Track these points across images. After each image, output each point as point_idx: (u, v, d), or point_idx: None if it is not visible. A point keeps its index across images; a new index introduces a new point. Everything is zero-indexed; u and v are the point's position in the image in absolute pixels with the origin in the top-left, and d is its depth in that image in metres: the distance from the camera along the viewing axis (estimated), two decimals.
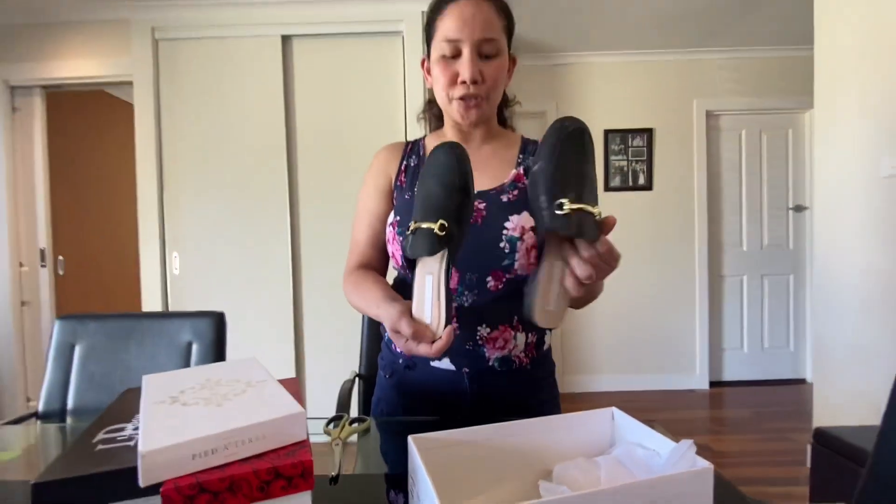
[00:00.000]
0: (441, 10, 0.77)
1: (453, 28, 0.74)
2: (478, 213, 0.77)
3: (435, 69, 0.78)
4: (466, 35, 0.74)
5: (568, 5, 2.51)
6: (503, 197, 0.79)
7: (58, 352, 1.11)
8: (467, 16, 0.74)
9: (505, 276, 0.76)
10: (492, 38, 0.75)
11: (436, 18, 0.78)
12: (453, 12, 0.74)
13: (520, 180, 0.82)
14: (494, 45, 0.76)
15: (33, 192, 2.60)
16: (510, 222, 0.75)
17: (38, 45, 2.48)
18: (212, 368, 0.62)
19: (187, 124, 2.42)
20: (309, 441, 0.47)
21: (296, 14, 2.40)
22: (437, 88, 0.80)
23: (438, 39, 0.77)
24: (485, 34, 0.74)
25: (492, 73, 0.77)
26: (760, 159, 3.25)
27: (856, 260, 1.77)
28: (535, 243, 0.76)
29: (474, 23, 0.73)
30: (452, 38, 0.74)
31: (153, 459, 0.38)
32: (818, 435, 1.34)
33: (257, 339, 2.42)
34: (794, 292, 3.27)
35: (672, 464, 0.44)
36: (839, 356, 1.84)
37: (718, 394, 3.10)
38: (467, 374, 0.77)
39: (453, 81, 0.77)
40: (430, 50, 0.80)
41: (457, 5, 0.75)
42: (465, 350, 0.76)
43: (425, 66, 0.84)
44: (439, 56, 0.77)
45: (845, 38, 1.79)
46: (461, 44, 0.74)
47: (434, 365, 0.78)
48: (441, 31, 0.76)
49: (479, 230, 0.75)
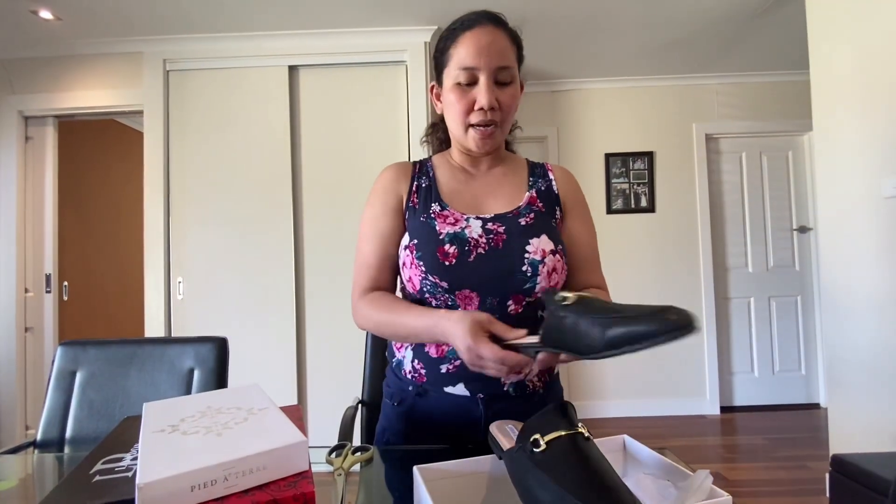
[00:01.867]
0: (456, 39, 0.77)
1: (470, 56, 0.75)
2: (498, 236, 0.76)
3: (450, 96, 0.78)
4: (484, 63, 0.74)
5: (569, 33, 2.58)
6: (521, 220, 0.79)
7: (58, 379, 1.10)
8: (483, 44, 0.74)
9: (525, 299, 0.75)
10: (507, 66, 0.76)
11: (449, 47, 0.78)
12: (469, 40, 0.75)
13: (534, 203, 0.82)
14: (509, 73, 0.77)
15: (42, 218, 2.64)
16: (531, 245, 0.75)
17: (53, 76, 2.56)
18: (213, 396, 0.61)
19: (195, 152, 2.47)
20: (311, 471, 0.45)
21: (302, 45, 2.48)
22: (451, 115, 0.80)
23: (454, 67, 0.77)
24: (501, 62, 0.75)
25: (507, 100, 0.77)
26: (762, 181, 3.26)
27: (863, 281, 1.75)
28: (554, 266, 0.75)
29: (490, 51, 0.74)
30: (469, 66, 0.75)
31: (151, 492, 0.37)
32: (836, 463, 1.30)
33: (260, 365, 2.40)
34: (802, 314, 3.22)
35: (688, 495, 0.42)
36: (854, 380, 1.80)
37: (730, 419, 3.02)
38: (482, 399, 0.75)
39: (470, 109, 0.77)
40: (442, 77, 0.80)
41: (473, 33, 0.75)
42: (482, 375, 0.73)
43: (434, 92, 0.84)
44: (454, 84, 0.77)
45: (840, 62, 1.82)
46: (478, 71, 0.75)
47: (447, 391, 0.76)
48: (456, 59, 0.76)
49: (501, 254, 0.75)
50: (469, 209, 0.81)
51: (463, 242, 0.75)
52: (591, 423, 3.04)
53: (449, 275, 0.73)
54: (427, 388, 0.78)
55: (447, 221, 0.78)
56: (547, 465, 0.44)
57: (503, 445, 0.50)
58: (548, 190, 0.85)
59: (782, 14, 2.40)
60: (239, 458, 0.41)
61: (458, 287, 0.74)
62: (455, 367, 0.75)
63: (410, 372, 0.79)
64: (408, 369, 0.80)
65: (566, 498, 0.40)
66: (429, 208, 0.80)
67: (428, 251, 0.75)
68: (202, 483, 0.39)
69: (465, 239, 0.75)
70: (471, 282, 0.74)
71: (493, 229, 0.77)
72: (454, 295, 0.74)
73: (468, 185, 0.85)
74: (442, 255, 0.74)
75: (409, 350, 0.80)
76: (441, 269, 0.73)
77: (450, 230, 0.76)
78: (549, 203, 0.84)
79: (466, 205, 0.82)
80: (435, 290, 0.75)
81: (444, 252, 0.74)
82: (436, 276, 0.74)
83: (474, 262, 0.74)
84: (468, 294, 0.74)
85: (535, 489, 0.43)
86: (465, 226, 0.77)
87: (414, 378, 0.79)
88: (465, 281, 0.74)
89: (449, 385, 0.76)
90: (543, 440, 0.46)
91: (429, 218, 0.79)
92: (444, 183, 0.84)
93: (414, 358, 0.79)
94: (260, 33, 2.45)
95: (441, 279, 0.74)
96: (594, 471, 0.43)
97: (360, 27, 2.44)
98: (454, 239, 0.75)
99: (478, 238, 0.76)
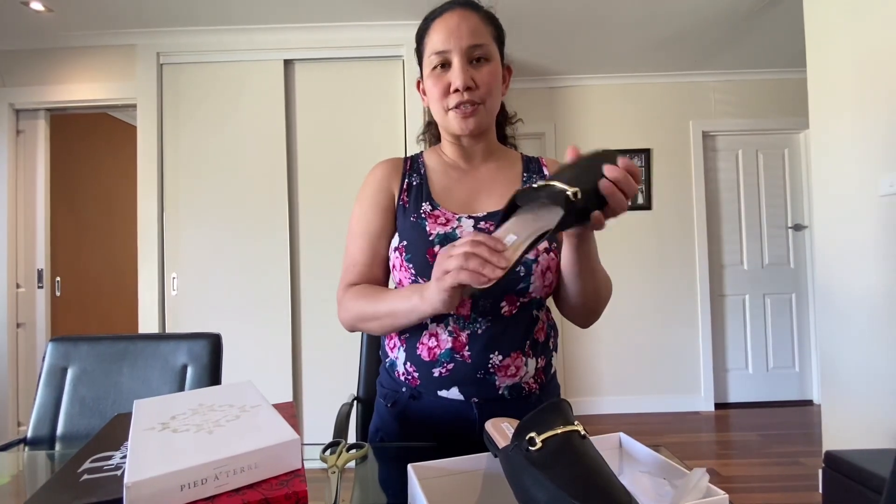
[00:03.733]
0: (427, 28, 0.78)
1: (440, 40, 0.75)
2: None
3: (428, 83, 0.78)
4: (454, 44, 0.74)
5: (566, 29, 2.57)
6: None
7: (49, 375, 1.08)
8: (452, 26, 0.74)
9: (519, 300, 0.74)
10: (480, 44, 0.75)
11: (424, 37, 0.79)
12: (439, 26, 0.76)
13: None
14: (484, 50, 0.76)
15: (34, 212, 2.61)
16: None
17: (45, 69, 2.52)
18: (205, 393, 0.60)
19: (189, 146, 2.45)
20: (304, 469, 0.45)
21: (298, 39, 2.45)
22: (432, 103, 0.80)
23: (428, 54, 0.77)
24: (472, 40, 0.74)
25: (484, 78, 0.76)
26: (758, 179, 3.27)
27: (858, 279, 1.76)
28: (549, 265, 0.74)
29: (460, 31, 0.74)
30: (441, 50, 0.75)
31: (139, 491, 0.36)
32: (829, 459, 1.30)
33: (255, 361, 2.39)
34: (796, 311, 3.24)
35: (685, 493, 0.41)
36: (847, 377, 1.81)
37: (724, 416, 3.04)
38: (476, 403, 0.73)
39: (446, 91, 0.76)
40: (423, 68, 0.80)
41: (441, 19, 0.76)
42: (476, 379, 0.73)
43: (421, 88, 0.84)
44: (430, 70, 0.77)
45: (837, 60, 1.82)
46: (450, 54, 0.75)
47: (441, 395, 0.74)
48: (430, 46, 0.77)
49: None
50: (461, 208, 0.79)
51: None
52: (587, 419, 3.05)
53: None
54: (421, 392, 0.76)
55: (438, 222, 0.76)
56: (542, 464, 0.43)
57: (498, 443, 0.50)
58: None
59: (779, 11, 2.40)
60: (230, 457, 0.40)
61: None
62: (448, 370, 0.73)
63: (403, 374, 0.78)
64: (400, 371, 0.78)
65: (562, 497, 0.39)
66: (419, 207, 0.78)
67: (418, 253, 0.73)
68: (192, 482, 0.38)
69: (456, 239, 0.72)
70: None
71: (486, 228, 0.75)
72: None
73: (460, 183, 0.82)
74: (432, 258, 0.72)
75: (401, 351, 0.78)
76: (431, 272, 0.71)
77: (440, 231, 0.74)
78: None
79: (458, 203, 0.80)
80: None
81: (434, 254, 0.72)
82: (426, 279, 0.72)
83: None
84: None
85: (530, 488, 0.43)
86: (456, 226, 0.75)
87: (407, 381, 0.77)
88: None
89: (442, 389, 0.74)
90: (539, 438, 0.45)
91: (419, 218, 0.77)
92: (436, 181, 0.82)
93: (406, 360, 0.77)
94: (255, 26, 2.43)
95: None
96: (590, 469, 0.42)
97: (356, 21, 2.42)
98: (445, 240, 0.73)
99: None
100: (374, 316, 0.73)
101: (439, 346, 0.73)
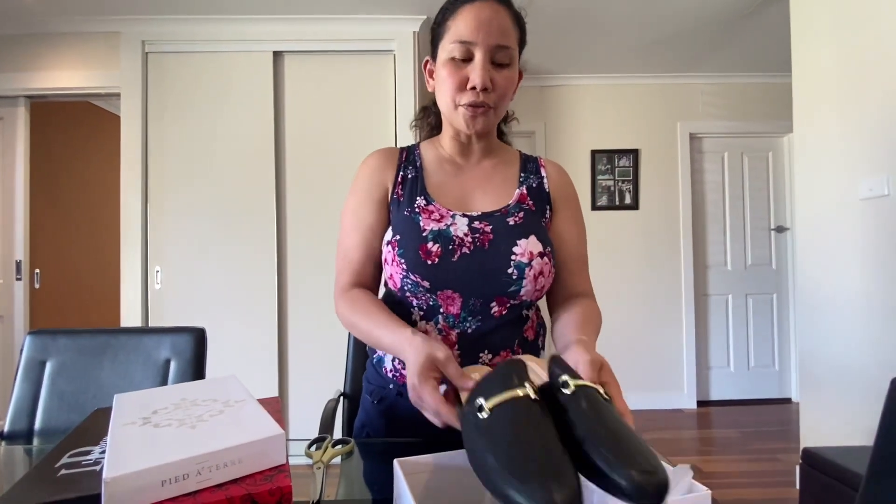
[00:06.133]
0: (455, 11, 0.72)
1: (468, 30, 0.70)
2: (484, 236, 0.73)
3: (442, 72, 0.74)
4: (482, 38, 0.70)
5: (557, 29, 2.57)
6: (509, 220, 0.75)
7: (27, 368, 1.06)
8: (483, 18, 0.70)
9: (510, 301, 0.73)
10: (507, 46, 0.72)
11: (447, 19, 0.73)
12: (469, 13, 0.70)
13: (524, 201, 0.79)
14: (508, 54, 0.72)
15: (12, 202, 2.53)
16: (518, 247, 0.72)
17: (25, 55, 2.45)
18: (188, 387, 0.59)
19: (174, 137, 2.40)
20: (289, 465, 0.44)
21: (288, 30, 2.42)
22: (441, 92, 0.76)
23: (449, 40, 0.72)
24: (500, 40, 0.71)
25: (503, 82, 0.73)
26: (743, 181, 3.32)
27: (837, 281, 1.80)
28: (541, 269, 0.72)
29: (490, 26, 0.70)
30: (466, 40, 0.70)
31: (118, 486, 0.36)
32: (806, 456, 1.34)
33: (240, 356, 2.36)
34: (777, 311, 3.31)
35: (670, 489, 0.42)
36: (825, 376, 1.86)
37: (706, 413, 3.09)
38: None
39: (462, 86, 0.72)
40: (437, 51, 0.76)
41: (473, 6, 0.71)
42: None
43: (427, 68, 0.79)
44: (448, 58, 0.72)
45: (822, 65, 1.86)
46: (474, 47, 0.70)
47: None
48: (453, 32, 0.71)
49: (486, 255, 0.72)
50: (456, 205, 0.77)
51: (447, 241, 0.71)
52: None
53: (431, 274, 0.70)
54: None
55: (432, 217, 0.74)
56: (489, 433, 0.42)
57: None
58: (539, 187, 0.81)
59: (767, 16, 2.44)
60: (212, 452, 0.40)
61: (440, 287, 0.71)
62: None
63: (391, 371, 0.77)
64: (388, 367, 0.78)
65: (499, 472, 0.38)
66: (414, 202, 0.76)
67: (410, 248, 0.71)
68: (173, 477, 0.38)
69: (450, 237, 0.72)
70: (453, 282, 0.71)
71: (480, 228, 0.73)
72: (436, 295, 0.72)
73: (456, 178, 0.81)
74: (424, 254, 0.71)
75: None
76: (423, 268, 0.70)
77: (434, 227, 0.73)
78: (540, 201, 0.80)
79: (453, 200, 0.78)
80: (416, 289, 0.72)
81: (427, 250, 0.71)
82: (417, 276, 0.71)
83: (458, 261, 0.71)
84: (450, 294, 0.72)
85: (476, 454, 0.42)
86: (450, 223, 0.73)
87: (395, 377, 0.77)
88: (448, 281, 0.71)
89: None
90: (487, 405, 0.44)
91: (413, 212, 0.75)
92: (432, 174, 0.80)
93: (395, 357, 0.76)
94: (244, 16, 2.38)
95: (423, 278, 0.71)
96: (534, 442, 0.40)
97: (347, 14, 2.39)
98: (438, 236, 0.72)
99: (463, 237, 0.72)
100: (362, 336, 0.72)
101: None
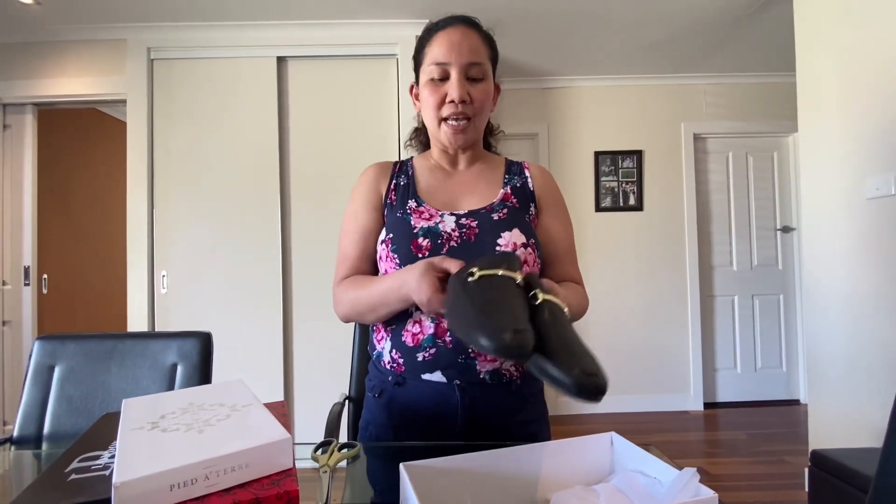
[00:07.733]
0: (430, 38, 0.83)
1: (442, 52, 0.80)
2: (470, 230, 0.79)
3: (424, 92, 0.84)
4: (454, 58, 0.79)
5: (559, 30, 2.57)
6: (494, 215, 0.81)
7: (36, 374, 1.07)
8: (455, 41, 0.80)
9: None
10: (478, 63, 0.81)
11: (424, 46, 0.84)
12: (442, 38, 0.81)
13: (508, 199, 0.86)
14: (481, 69, 0.82)
15: (20, 208, 2.56)
16: (502, 239, 0.78)
17: (33, 63, 2.48)
18: (195, 392, 0.60)
19: (180, 143, 2.42)
20: (295, 469, 0.45)
21: (291, 36, 2.43)
22: (425, 111, 0.85)
23: (427, 64, 0.82)
24: (472, 58, 0.80)
25: (478, 95, 0.82)
26: (747, 181, 3.31)
27: (844, 281, 1.79)
28: (525, 259, 0.77)
29: (462, 47, 0.80)
30: (441, 62, 0.80)
31: (128, 491, 0.36)
32: (815, 458, 1.33)
33: (246, 360, 2.37)
34: (784, 312, 3.29)
35: (675, 492, 0.42)
36: (833, 377, 1.84)
37: (713, 415, 3.07)
38: (458, 386, 0.76)
39: (442, 102, 0.82)
40: (419, 76, 0.86)
41: (445, 32, 0.81)
42: (457, 363, 0.75)
43: (413, 93, 0.89)
44: (428, 79, 0.82)
45: (826, 64, 1.85)
46: (449, 66, 0.80)
47: (425, 378, 0.77)
48: (430, 56, 0.82)
49: (472, 247, 0.77)
50: (445, 206, 0.84)
51: (436, 236, 0.78)
52: (578, 418, 3.07)
53: None
54: (405, 377, 0.79)
55: (422, 217, 0.81)
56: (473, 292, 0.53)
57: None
58: (523, 187, 0.88)
59: (770, 16, 2.43)
60: (220, 456, 0.40)
61: None
62: (431, 354, 0.76)
63: (389, 362, 0.80)
64: (387, 360, 0.81)
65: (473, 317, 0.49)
66: (405, 204, 0.84)
67: (402, 244, 0.78)
68: (182, 482, 0.38)
69: (439, 233, 0.78)
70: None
71: (467, 224, 0.80)
72: None
73: (445, 183, 0.88)
74: (415, 249, 0.77)
75: (387, 341, 0.81)
76: (414, 261, 0.75)
77: (424, 224, 0.79)
78: (524, 199, 0.87)
79: (442, 202, 0.85)
80: None
81: (418, 245, 0.77)
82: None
83: (446, 254, 0.76)
84: None
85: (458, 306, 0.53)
86: (439, 221, 0.80)
87: (393, 368, 0.80)
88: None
89: (426, 372, 0.76)
90: (477, 273, 0.55)
91: (405, 213, 0.82)
92: (422, 180, 0.88)
93: (392, 348, 0.80)
94: (248, 23, 2.40)
95: None
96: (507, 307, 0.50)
97: (350, 19, 2.40)
98: (428, 233, 0.78)
99: (451, 232, 0.79)
100: (368, 305, 0.78)
101: (423, 332, 0.76)
